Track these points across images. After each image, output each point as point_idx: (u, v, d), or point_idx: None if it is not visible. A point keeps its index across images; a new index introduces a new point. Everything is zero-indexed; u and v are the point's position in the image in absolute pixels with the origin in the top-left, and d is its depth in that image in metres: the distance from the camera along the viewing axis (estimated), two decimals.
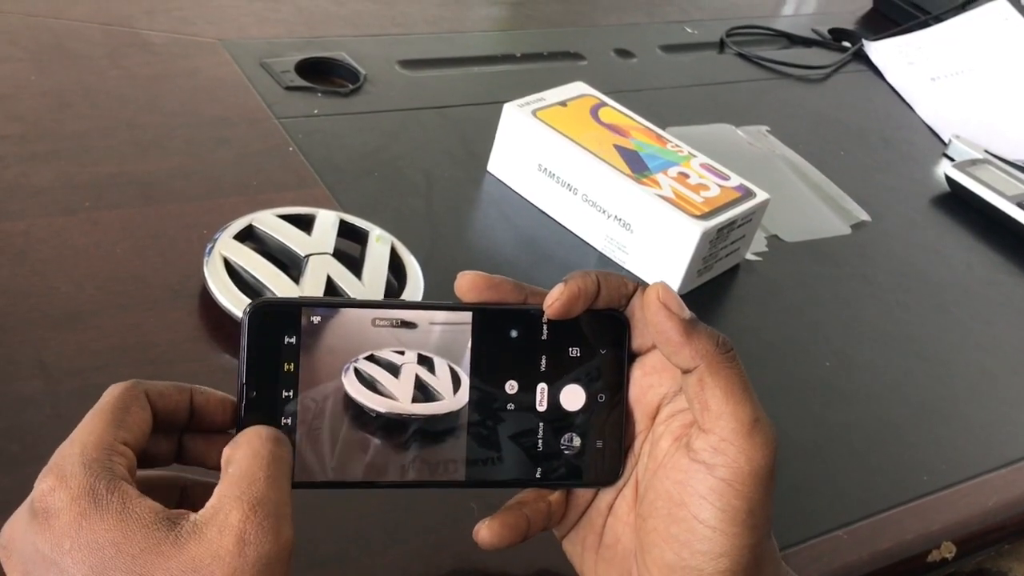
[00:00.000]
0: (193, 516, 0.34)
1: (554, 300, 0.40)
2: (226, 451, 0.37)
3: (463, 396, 0.41)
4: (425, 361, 0.41)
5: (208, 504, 0.35)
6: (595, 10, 1.14)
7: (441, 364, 0.41)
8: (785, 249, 0.83)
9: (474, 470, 0.42)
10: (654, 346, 0.42)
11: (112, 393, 0.37)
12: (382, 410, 0.40)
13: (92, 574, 0.33)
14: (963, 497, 0.64)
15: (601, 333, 0.42)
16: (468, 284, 0.41)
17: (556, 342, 0.42)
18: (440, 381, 0.41)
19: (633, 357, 0.43)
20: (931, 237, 0.90)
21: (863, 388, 0.71)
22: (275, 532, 0.34)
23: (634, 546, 0.42)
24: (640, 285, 0.42)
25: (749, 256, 0.80)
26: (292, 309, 0.40)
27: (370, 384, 0.40)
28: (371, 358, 0.40)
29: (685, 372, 0.39)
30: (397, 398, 0.41)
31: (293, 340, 0.39)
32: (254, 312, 0.39)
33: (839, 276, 0.82)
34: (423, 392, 0.41)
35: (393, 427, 0.41)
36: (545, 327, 0.42)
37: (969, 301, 0.83)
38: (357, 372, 0.40)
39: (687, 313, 0.39)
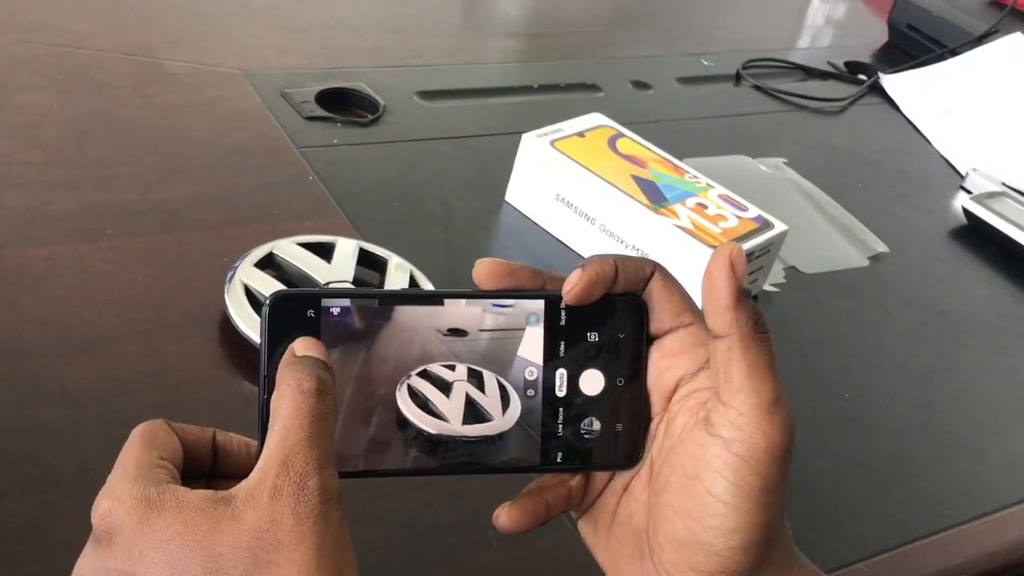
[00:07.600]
0: (243, 488, 0.36)
1: (572, 286, 0.41)
2: (273, 401, 0.38)
3: (512, 415, 0.41)
4: (475, 376, 0.41)
5: (255, 469, 0.36)
6: (612, 42, 1.15)
7: (490, 379, 0.41)
8: (803, 280, 0.83)
9: (495, 456, 0.41)
10: (671, 329, 0.42)
11: (137, 427, 0.39)
12: (434, 431, 0.40)
13: (167, 570, 0.34)
14: (985, 531, 0.63)
15: (619, 317, 0.42)
16: (487, 271, 0.41)
17: (575, 327, 0.42)
18: (489, 399, 0.41)
19: (651, 340, 0.43)
20: (949, 269, 0.90)
21: (882, 420, 0.70)
22: (321, 488, 0.36)
23: (647, 523, 0.42)
24: (657, 268, 0.42)
25: (767, 287, 0.80)
26: (312, 300, 0.40)
27: (422, 403, 0.40)
28: (423, 374, 0.40)
29: (716, 337, 0.39)
30: (448, 419, 0.41)
31: (314, 331, 0.39)
32: (274, 304, 0.39)
33: (857, 308, 0.82)
34: (473, 411, 0.41)
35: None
36: (563, 313, 0.42)
37: (988, 333, 0.82)
38: (410, 389, 0.40)
39: (746, 283, 0.39)
